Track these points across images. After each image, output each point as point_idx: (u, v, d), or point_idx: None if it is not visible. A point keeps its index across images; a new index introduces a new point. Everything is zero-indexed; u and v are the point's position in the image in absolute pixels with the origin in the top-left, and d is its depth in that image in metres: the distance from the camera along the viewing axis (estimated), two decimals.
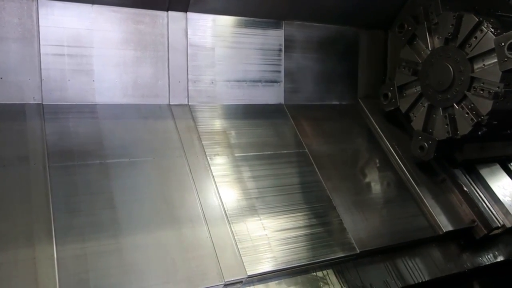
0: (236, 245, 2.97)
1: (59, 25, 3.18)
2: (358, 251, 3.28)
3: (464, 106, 3.69)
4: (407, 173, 4.08)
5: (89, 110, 3.26)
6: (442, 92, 3.85)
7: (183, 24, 3.62)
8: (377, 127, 4.41)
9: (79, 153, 3.00)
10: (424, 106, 4.05)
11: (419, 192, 3.95)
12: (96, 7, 3.29)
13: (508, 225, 4.02)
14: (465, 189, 4.07)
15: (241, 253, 2.95)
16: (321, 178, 3.66)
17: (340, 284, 3.21)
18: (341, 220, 3.44)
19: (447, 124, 3.80)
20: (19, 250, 2.43)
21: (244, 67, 3.95)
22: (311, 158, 3.77)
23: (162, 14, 3.53)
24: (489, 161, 4.42)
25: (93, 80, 3.31)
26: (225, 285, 2.78)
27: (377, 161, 4.18)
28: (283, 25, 4.09)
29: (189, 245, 2.84)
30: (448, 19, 3.75)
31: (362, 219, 3.56)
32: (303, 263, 3.10)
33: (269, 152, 3.67)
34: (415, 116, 4.15)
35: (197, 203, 3.07)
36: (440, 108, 3.90)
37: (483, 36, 3.51)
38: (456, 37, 3.70)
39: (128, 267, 2.61)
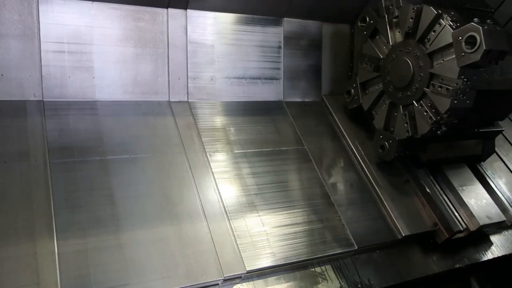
0: (235, 240, 3.00)
1: (60, 22, 3.19)
2: (306, 257, 3.16)
3: (423, 104, 3.50)
4: (369, 174, 3.89)
5: (89, 107, 3.28)
6: (402, 89, 3.65)
7: (182, 21, 3.63)
8: (340, 125, 4.22)
9: (79, 149, 3.02)
10: (385, 104, 3.86)
11: (380, 194, 3.77)
12: (96, 4, 3.30)
13: (472, 228, 3.80)
14: (427, 190, 3.86)
15: (240, 248, 2.97)
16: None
17: (338, 280, 3.24)
18: None
19: (406, 123, 3.62)
20: (20, 245, 2.46)
21: (243, 64, 3.97)
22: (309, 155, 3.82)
23: (162, 11, 3.55)
24: (456, 161, 4.23)
25: (93, 77, 3.33)
26: (224, 280, 2.80)
27: (338, 161, 4.00)
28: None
29: (188, 240, 2.87)
30: (408, 12, 3.53)
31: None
32: (302, 259, 3.13)
33: (268, 149, 3.69)
34: (377, 114, 3.96)
35: (197, 199, 3.09)
36: (401, 106, 3.71)
37: (441, 30, 3.31)
38: (416, 31, 3.51)
39: (128, 263, 2.63)
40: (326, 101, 4.38)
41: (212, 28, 3.81)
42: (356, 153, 4.03)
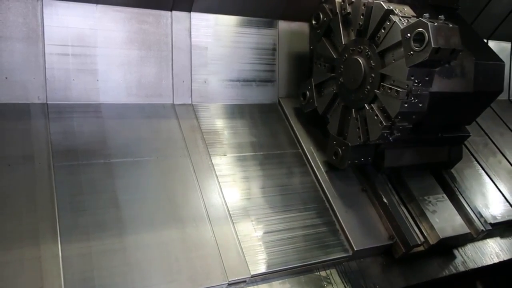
0: (240, 244, 2.98)
1: (64, 25, 3.19)
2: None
3: (374, 108, 3.21)
4: (322, 183, 3.58)
5: (94, 110, 3.27)
6: (355, 91, 3.37)
7: (187, 24, 3.63)
8: (295, 130, 3.92)
9: (83, 152, 3.01)
10: (340, 107, 3.57)
11: (333, 204, 3.47)
12: (101, 7, 3.30)
13: (432, 242, 3.52)
14: (384, 200, 3.55)
15: (244, 252, 2.95)
16: None
17: (344, 284, 3.22)
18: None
19: (358, 128, 3.34)
20: (24, 249, 2.45)
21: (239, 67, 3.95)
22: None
23: (166, 13, 3.54)
24: (419, 169, 3.93)
25: (97, 80, 3.32)
26: (228, 284, 2.79)
27: (292, 169, 3.68)
28: None
29: (192, 244, 2.85)
30: (359, 9, 3.29)
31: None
32: (307, 263, 3.11)
33: (273, 152, 3.68)
34: (332, 118, 3.67)
35: (201, 203, 3.08)
36: (353, 110, 3.42)
37: (391, 27, 3.05)
38: (367, 29, 3.25)
39: (132, 266, 2.62)
40: (283, 104, 4.09)
41: (214, 30, 3.79)
42: (310, 160, 3.73)
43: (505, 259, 4.03)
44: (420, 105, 3.08)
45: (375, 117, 3.18)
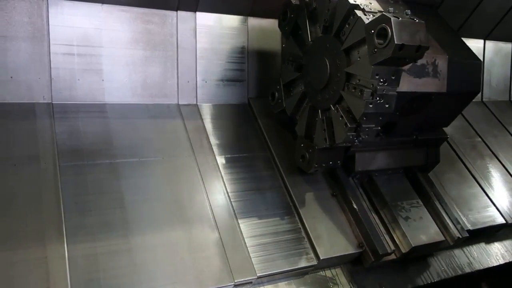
0: (246, 245, 2.97)
1: (69, 25, 3.18)
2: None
3: (339, 109, 3.03)
4: (289, 187, 3.42)
5: (99, 110, 3.26)
6: (321, 91, 3.19)
7: (192, 24, 3.62)
8: (264, 131, 3.74)
9: (88, 152, 3.00)
10: (307, 108, 3.38)
11: (299, 210, 3.30)
12: (106, 7, 3.29)
13: (403, 250, 3.34)
14: (354, 206, 3.36)
15: (250, 253, 2.94)
16: None
17: (350, 285, 3.21)
18: None
19: (324, 130, 3.15)
20: (30, 249, 2.44)
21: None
22: None
23: (171, 13, 3.53)
24: (394, 173, 3.71)
25: (103, 80, 3.31)
26: (235, 285, 2.78)
27: (258, 172, 3.50)
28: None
29: (198, 245, 2.84)
30: (325, 3, 3.09)
31: None
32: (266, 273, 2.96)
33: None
34: (300, 120, 3.48)
35: (206, 203, 3.07)
36: (319, 111, 3.24)
37: (355, 22, 2.85)
38: (332, 25, 3.05)
39: (138, 267, 2.61)
40: (252, 105, 3.92)
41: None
42: (278, 162, 3.55)
43: (510, 260, 4.02)
44: (387, 105, 2.88)
45: (340, 118, 3.00)
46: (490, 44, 5.51)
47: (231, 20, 3.85)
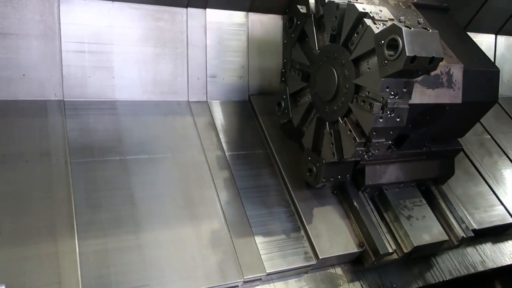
0: (255, 242, 2.97)
1: (80, 22, 3.20)
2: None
3: (347, 122, 2.88)
4: (288, 182, 3.37)
5: (109, 107, 3.28)
6: (328, 102, 3.03)
7: (202, 21, 3.62)
8: (265, 131, 3.63)
9: (99, 149, 3.02)
10: (314, 119, 3.24)
11: (298, 208, 3.25)
12: (116, 4, 3.30)
13: (405, 249, 3.26)
14: (354, 204, 3.28)
15: (260, 250, 2.94)
16: None
17: (360, 282, 3.19)
18: None
19: (332, 143, 2.99)
20: (41, 244, 2.47)
21: None
22: None
23: (181, 10, 3.53)
24: (404, 186, 3.55)
25: (113, 77, 3.32)
26: (244, 282, 2.78)
27: (258, 172, 3.44)
28: None
29: (208, 242, 2.85)
30: (332, 10, 2.93)
31: None
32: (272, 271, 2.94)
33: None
34: (307, 131, 3.33)
35: (216, 200, 3.07)
36: (327, 123, 3.09)
37: (365, 31, 2.69)
38: (341, 33, 2.91)
39: (148, 263, 2.63)
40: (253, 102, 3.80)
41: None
42: (278, 160, 3.47)
43: None
44: (398, 119, 2.72)
45: (349, 133, 2.85)
46: (501, 39, 5.40)
47: (240, 17, 3.84)
